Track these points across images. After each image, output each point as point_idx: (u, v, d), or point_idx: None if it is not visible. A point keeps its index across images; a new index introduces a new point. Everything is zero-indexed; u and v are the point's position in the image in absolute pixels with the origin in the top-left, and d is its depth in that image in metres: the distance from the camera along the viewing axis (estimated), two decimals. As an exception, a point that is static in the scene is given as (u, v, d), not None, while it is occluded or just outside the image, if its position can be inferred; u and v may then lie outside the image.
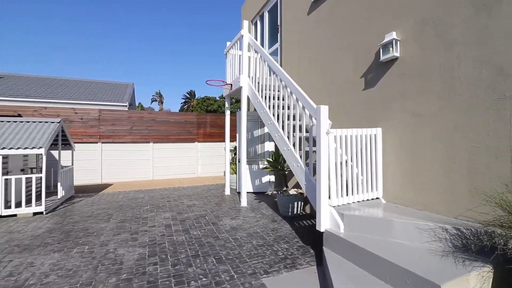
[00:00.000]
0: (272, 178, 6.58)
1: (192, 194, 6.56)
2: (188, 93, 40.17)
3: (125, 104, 12.42)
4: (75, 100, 11.92)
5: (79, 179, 8.15)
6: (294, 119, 3.84)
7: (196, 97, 39.48)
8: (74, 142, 8.00)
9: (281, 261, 2.94)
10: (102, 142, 8.46)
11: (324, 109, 2.93)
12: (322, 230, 2.91)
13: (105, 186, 7.86)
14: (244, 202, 5.28)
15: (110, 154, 8.49)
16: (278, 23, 6.19)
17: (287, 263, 2.88)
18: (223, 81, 5.82)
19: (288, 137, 3.87)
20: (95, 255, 3.17)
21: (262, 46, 7.12)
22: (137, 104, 38.53)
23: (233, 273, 2.67)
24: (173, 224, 4.26)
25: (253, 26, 7.69)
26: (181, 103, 41.26)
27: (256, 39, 7.50)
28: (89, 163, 8.33)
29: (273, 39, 6.67)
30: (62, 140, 6.34)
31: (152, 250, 3.28)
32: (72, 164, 6.67)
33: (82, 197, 6.40)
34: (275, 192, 5.73)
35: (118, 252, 3.23)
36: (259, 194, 6.39)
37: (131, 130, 8.67)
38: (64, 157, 7.30)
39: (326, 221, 2.91)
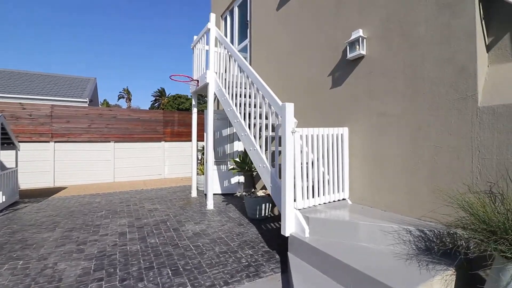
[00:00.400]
0: (241, 178, 6.36)
1: (155, 197, 6.13)
2: (158, 91, 38.65)
3: (85, 100, 11.47)
4: (25, 94, 10.75)
5: (28, 183, 7.33)
6: (261, 118, 3.67)
7: (168, 94, 38.14)
8: (22, 141, 7.19)
9: (244, 269, 2.73)
10: (55, 141, 7.67)
11: (290, 107, 2.76)
12: (287, 234, 2.74)
13: (58, 189, 7.12)
14: (210, 205, 5.00)
15: (65, 154, 7.72)
16: (248, 19, 5.99)
17: (250, 272, 2.68)
18: (188, 77, 5.49)
19: (255, 137, 3.68)
20: (30, 271, 2.73)
21: (232, 42, 6.88)
22: (101, 101, 36.32)
23: (189, 286, 2.41)
24: (129, 231, 3.87)
25: (223, 21, 7.42)
26: (151, 101, 39.62)
27: (226, 35, 7.24)
28: (40, 164, 7.51)
29: (243, 35, 6.46)
30: (4, 139, 5.59)
31: (100, 263, 2.90)
32: (16, 166, 5.92)
33: (28, 203, 5.70)
34: (244, 193, 5.53)
35: (58, 267, 2.81)
36: (227, 196, 6.14)
37: (89, 128, 7.95)
38: (10, 158, 6.48)
39: (291, 225, 2.75)
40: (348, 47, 3.25)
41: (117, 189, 7.12)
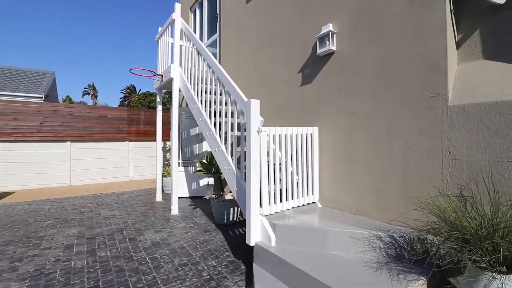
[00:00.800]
0: (211, 180, 6.04)
1: (115, 202, 5.61)
2: (128, 88, 36.82)
3: (40, 95, 10.40)
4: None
5: (-35, 188, 6.42)
6: (228, 117, 3.39)
7: (138, 92, 36.46)
8: (-43, 141, 6.27)
9: (204, 284, 2.45)
10: (0, 141, 6.80)
11: (255, 104, 2.53)
12: (251, 244, 2.50)
13: (2, 195, 6.30)
14: (175, 209, 4.64)
15: (11, 155, 6.87)
16: (217, 12, 5.68)
17: (211, 287, 2.40)
18: (151, 71, 5.06)
19: (221, 137, 3.39)
20: None
21: (201, 36, 6.53)
22: (63, 97, 33.85)
23: (138, 310, 2.08)
24: (77, 243, 3.41)
25: (192, 14, 7.03)
26: (121, 98, 37.66)
27: (195, 28, 6.87)
28: (-19, 167, 6.61)
29: (212, 29, 6.14)
30: None
31: (34, 284, 2.47)
32: None
33: (-39, 212, 4.93)
34: (214, 196, 5.24)
35: (-21, 292, 2.34)
36: (196, 199, 5.80)
37: (41, 126, 7.15)
38: None
39: (256, 234, 2.51)
40: (318, 43, 3.09)
41: (72, 194, 6.46)
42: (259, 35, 4.31)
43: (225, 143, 3.29)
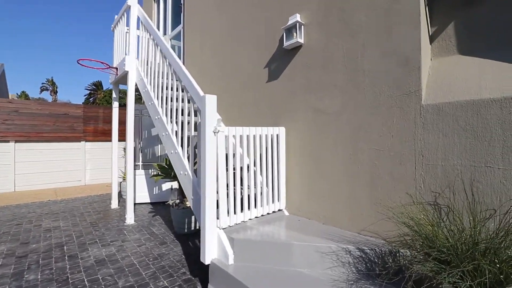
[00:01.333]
0: (175, 184, 5.57)
1: (63, 210, 4.96)
2: (93, 84, 34.50)
3: (-19, 89, 9.19)
4: None
5: None
6: (185, 115, 3.01)
7: (106, 88, 34.30)
8: None
9: (150, 312, 2.07)
10: None
11: (211, 99, 2.19)
12: (207, 262, 2.16)
13: None
14: (130, 218, 4.15)
15: None
16: (181, 1, 5.24)
17: (158, 315, 2.03)
18: (103, 63, 4.51)
19: (178, 137, 3.01)
20: None
21: (165, 28, 6.05)
22: (18, 93, 30.98)
23: None
24: (2, 264, 2.85)
25: (156, 4, 6.51)
26: (85, 95, 35.15)
27: (159, 20, 6.35)
28: None
29: (177, 21, 5.68)
30: None
31: None
32: None
33: None
34: (177, 201, 4.81)
35: None
36: (158, 205, 5.32)
37: (-22, 124, 6.23)
38: None
39: (212, 250, 2.17)
40: (284, 34, 2.82)
41: (14, 201, 5.66)
42: (224, 27, 3.97)
43: (182, 144, 2.92)
